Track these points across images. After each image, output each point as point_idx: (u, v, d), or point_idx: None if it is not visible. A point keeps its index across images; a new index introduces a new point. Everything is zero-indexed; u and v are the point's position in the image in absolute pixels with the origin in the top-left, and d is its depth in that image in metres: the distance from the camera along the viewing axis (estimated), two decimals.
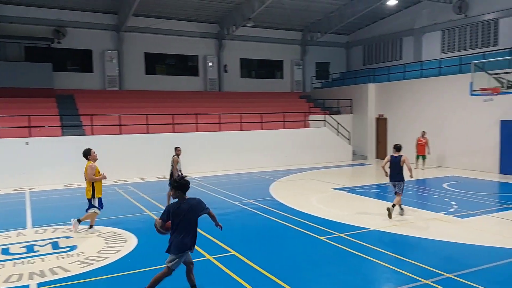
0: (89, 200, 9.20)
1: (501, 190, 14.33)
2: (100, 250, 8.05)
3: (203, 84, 25.50)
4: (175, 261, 5.56)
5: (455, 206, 11.40)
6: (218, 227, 6.07)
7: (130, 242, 8.59)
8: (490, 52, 19.80)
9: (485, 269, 6.83)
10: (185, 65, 25.55)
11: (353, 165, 21.53)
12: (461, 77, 18.08)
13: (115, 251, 7.99)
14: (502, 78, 14.33)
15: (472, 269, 6.79)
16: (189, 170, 18.57)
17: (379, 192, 14.21)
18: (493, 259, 7.29)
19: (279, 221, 10.14)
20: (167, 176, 17.66)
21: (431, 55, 23.89)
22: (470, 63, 15.69)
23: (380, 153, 23.28)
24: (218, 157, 19.38)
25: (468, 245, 8.29)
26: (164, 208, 5.88)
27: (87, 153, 9.28)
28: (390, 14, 26.03)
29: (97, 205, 9.22)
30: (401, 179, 10.59)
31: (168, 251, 5.59)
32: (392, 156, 10.64)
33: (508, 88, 14.12)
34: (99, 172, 9.19)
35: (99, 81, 22.70)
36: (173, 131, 18.84)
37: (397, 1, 22.60)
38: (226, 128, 20.32)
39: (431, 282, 6.27)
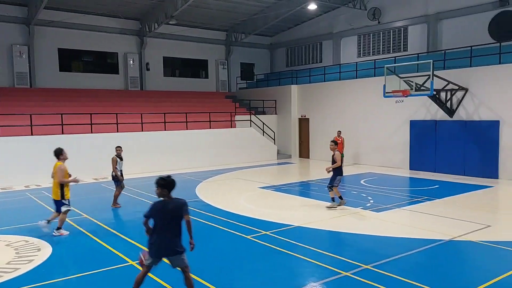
0: (57, 201, 8.93)
1: (411, 185, 15.49)
2: (10, 261, 7.41)
3: (123, 83, 24.55)
4: (150, 261, 5.42)
5: (371, 201, 12.10)
6: (191, 246, 5.56)
7: (43, 251, 8.00)
8: (401, 57, 21.34)
9: (399, 259, 7.32)
10: (104, 63, 24.40)
11: (278, 164, 22.01)
12: (376, 80, 19.27)
13: (27, 261, 7.40)
14: (411, 81, 15.51)
15: (387, 259, 7.24)
16: (110, 172, 17.79)
17: (302, 190, 14.66)
18: (405, 249, 7.83)
19: (205, 222, 10.05)
20: (86, 179, 16.80)
21: (348, 58, 25.18)
22: (383, 67, 16.79)
23: (303, 152, 24.09)
24: (141, 158, 18.74)
25: (383, 237, 8.84)
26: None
27: (59, 153, 9.07)
28: (311, 18, 27.01)
29: (68, 203, 9.00)
30: (333, 173, 11.29)
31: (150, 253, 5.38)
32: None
33: (417, 90, 15.31)
34: (68, 173, 8.91)
35: (7, 78, 20.88)
36: (91, 132, 17.90)
37: (316, 6, 23.50)
38: (149, 128, 19.73)
39: (351, 274, 6.58)
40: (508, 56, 16.14)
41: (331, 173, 11.38)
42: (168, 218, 5.26)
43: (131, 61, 24.48)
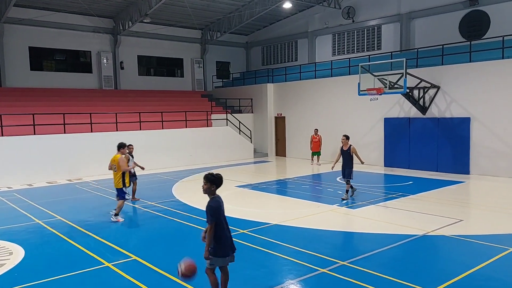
0: (120, 189, 9.96)
1: (386, 182, 15.76)
2: None
3: (97, 82, 24.09)
4: (222, 260, 5.38)
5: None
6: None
7: (16, 254, 7.79)
8: (375, 55, 21.66)
9: (374, 254, 7.43)
10: (77, 61, 23.88)
11: (255, 162, 22.03)
12: (350, 78, 19.50)
13: None
14: (385, 80, 15.77)
15: (363, 255, 7.35)
16: (84, 173, 17.46)
17: (279, 188, 14.72)
18: (381, 245, 7.96)
19: (182, 222, 9.98)
20: (59, 181, 16.43)
21: (323, 57, 25.41)
22: (357, 65, 17.01)
23: (280, 151, 24.19)
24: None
25: (359, 233, 8.98)
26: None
27: (121, 146, 10.44)
28: (286, 16, 27.12)
29: (126, 191, 10.08)
30: (350, 167, 12.11)
31: (215, 254, 5.28)
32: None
33: (390, 88, 15.58)
34: (127, 163, 10.32)
35: None
36: (64, 132, 17.51)
37: (291, 5, 23.62)
38: (124, 128, 19.43)
39: (328, 270, 6.66)
40: (478, 55, 16.60)
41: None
42: (224, 214, 5.36)
43: (105, 60, 24.04)
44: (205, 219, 5.45)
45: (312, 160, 20.16)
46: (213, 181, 5.27)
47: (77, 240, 8.63)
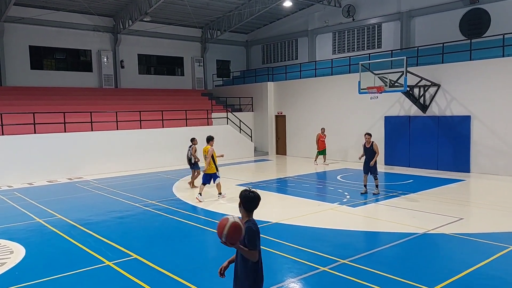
0: (214, 174, 12.03)
1: (386, 180, 15.74)
2: None
3: (97, 80, 24.10)
4: None
5: (348, 197, 12.25)
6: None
7: (17, 253, 7.80)
8: (375, 53, 21.64)
9: (375, 253, 7.44)
10: (77, 60, 23.88)
11: (255, 161, 22.04)
12: (351, 77, 19.49)
13: (0, 264, 7.20)
14: (385, 78, 15.76)
15: (364, 253, 7.36)
16: (84, 172, 17.48)
17: (279, 187, 14.73)
18: (381, 243, 7.98)
19: (183, 220, 9.99)
20: (59, 180, 16.46)
21: (324, 55, 25.39)
22: (358, 64, 16.99)
23: (280, 149, 24.19)
24: (117, 157, 18.47)
25: (360, 232, 8.98)
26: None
27: (210, 139, 12.44)
28: (286, 15, 27.10)
29: (219, 175, 12.25)
30: (375, 163, 12.43)
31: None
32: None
33: (391, 87, 15.57)
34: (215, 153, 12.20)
35: None
36: (65, 131, 17.52)
37: (291, 3, 23.60)
38: (125, 126, 19.44)
39: (328, 268, 6.66)
40: (478, 53, 16.59)
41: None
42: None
43: (105, 59, 24.04)
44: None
45: (316, 159, 19.72)
46: (244, 200, 4.10)
47: (78, 238, 8.64)
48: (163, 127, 20.61)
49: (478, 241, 7.98)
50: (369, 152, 12.41)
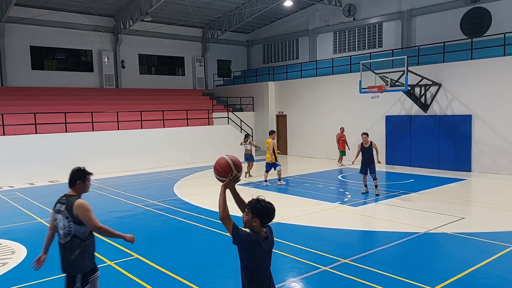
0: (274, 163, 14.26)
1: (387, 179, 15.73)
2: None
3: (98, 81, 24.12)
4: None
5: (349, 196, 12.25)
6: None
7: (18, 253, 7.81)
8: (376, 53, 21.62)
9: (376, 252, 7.44)
10: (78, 60, 23.91)
11: (256, 161, 21.96)
12: (352, 76, 19.48)
13: (1, 265, 7.21)
14: (386, 77, 15.73)
15: (365, 253, 7.35)
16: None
17: (280, 186, 14.71)
18: (382, 243, 7.97)
19: (184, 220, 9.99)
20: (61, 180, 16.46)
21: (324, 55, 25.38)
22: (359, 63, 16.98)
23: (281, 149, 24.16)
24: (118, 157, 18.48)
25: (361, 231, 8.98)
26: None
27: (272, 133, 14.52)
28: (287, 14, 27.09)
29: (279, 164, 14.45)
30: (374, 163, 12.52)
31: None
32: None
33: (392, 86, 15.55)
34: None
35: None
36: (66, 131, 17.53)
37: (292, 3, 23.58)
38: (126, 126, 19.46)
39: (329, 268, 6.66)
40: (480, 52, 16.57)
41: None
42: (264, 261, 3.65)
43: (106, 59, 24.06)
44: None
45: (340, 160, 18.92)
46: (257, 213, 3.51)
47: None
48: (164, 127, 20.62)
49: (480, 240, 7.97)
50: (368, 152, 12.36)
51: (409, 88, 15.82)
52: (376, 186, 12.37)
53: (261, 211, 3.49)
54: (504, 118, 15.35)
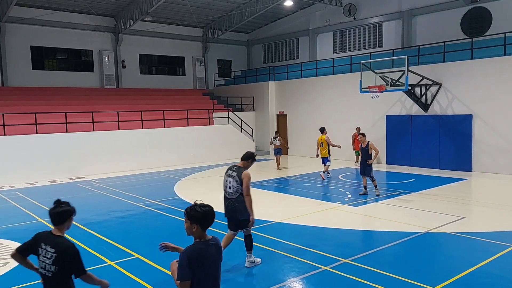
0: (325, 158, 15.07)
1: (388, 179, 15.74)
2: None
3: (99, 80, 24.13)
4: None
5: (349, 196, 12.25)
6: None
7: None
8: (376, 52, 21.61)
9: (376, 252, 7.44)
10: (79, 60, 23.92)
11: (256, 160, 21.98)
12: (352, 76, 19.47)
13: (2, 264, 7.22)
14: (387, 77, 15.73)
15: (365, 252, 7.36)
16: (86, 172, 17.51)
17: (281, 186, 14.73)
18: (383, 242, 7.97)
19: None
20: (61, 180, 16.47)
21: (325, 54, 25.37)
22: (359, 63, 16.98)
23: (281, 149, 24.13)
24: (118, 157, 18.49)
25: (361, 231, 8.98)
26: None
27: (323, 130, 15.44)
28: (287, 14, 27.08)
29: (329, 160, 15.20)
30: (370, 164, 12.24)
31: None
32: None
33: (392, 86, 15.55)
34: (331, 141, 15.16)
35: None
36: (66, 131, 17.55)
37: (292, 3, 23.58)
38: (126, 126, 19.46)
39: (330, 268, 6.66)
40: (480, 52, 16.56)
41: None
42: (212, 268, 3.49)
43: (106, 59, 24.07)
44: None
45: (357, 160, 18.56)
46: (194, 219, 3.54)
47: (80, 238, 8.64)
48: (164, 126, 20.62)
49: (480, 240, 7.97)
50: (365, 152, 12.26)
51: (409, 88, 15.82)
52: (375, 187, 12.30)
53: (197, 216, 3.51)
54: (505, 118, 15.35)
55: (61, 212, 3.75)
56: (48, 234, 3.82)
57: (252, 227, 6.81)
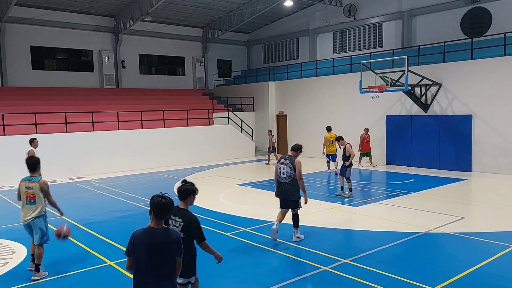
0: (334, 155, 16.07)
1: (388, 179, 15.75)
2: None
3: (99, 81, 24.13)
4: None
5: (349, 196, 12.23)
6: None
7: (19, 253, 7.82)
8: (376, 53, 21.61)
9: (376, 252, 7.43)
10: (79, 60, 23.92)
11: (256, 160, 22.03)
12: (352, 76, 19.47)
13: (1, 264, 7.22)
14: (387, 77, 15.73)
15: (365, 253, 7.35)
16: (86, 172, 17.51)
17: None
18: (383, 242, 7.96)
19: None
20: (61, 180, 16.46)
21: (325, 55, 25.37)
22: (359, 63, 16.98)
23: (281, 149, 24.16)
24: (118, 157, 18.47)
25: (361, 231, 8.98)
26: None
27: (330, 129, 16.53)
28: (287, 14, 27.09)
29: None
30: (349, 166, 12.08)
31: None
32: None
33: (392, 86, 15.55)
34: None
35: None
36: (66, 131, 17.54)
37: (292, 3, 23.58)
38: (126, 126, 19.46)
39: (330, 268, 6.66)
40: (480, 52, 16.55)
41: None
42: (156, 256, 3.84)
43: (106, 59, 24.07)
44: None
45: (360, 163, 18.39)
46: (151, 206, 3.95)
47: (80, 238, 8.65)
48: (164, 127, 20.62)
49: (480, 240, 7.97)
50: (344, 154, 12.21)
51: (409, 88, 15.82)
52: (349, 189, 12.07)
53: (153, 204, 3.93)
54: (504, 118, 15.35)
55: (185, 190, 4.91)
56: (175, 207, 4.61)
57: (305, 205, 8.16)
